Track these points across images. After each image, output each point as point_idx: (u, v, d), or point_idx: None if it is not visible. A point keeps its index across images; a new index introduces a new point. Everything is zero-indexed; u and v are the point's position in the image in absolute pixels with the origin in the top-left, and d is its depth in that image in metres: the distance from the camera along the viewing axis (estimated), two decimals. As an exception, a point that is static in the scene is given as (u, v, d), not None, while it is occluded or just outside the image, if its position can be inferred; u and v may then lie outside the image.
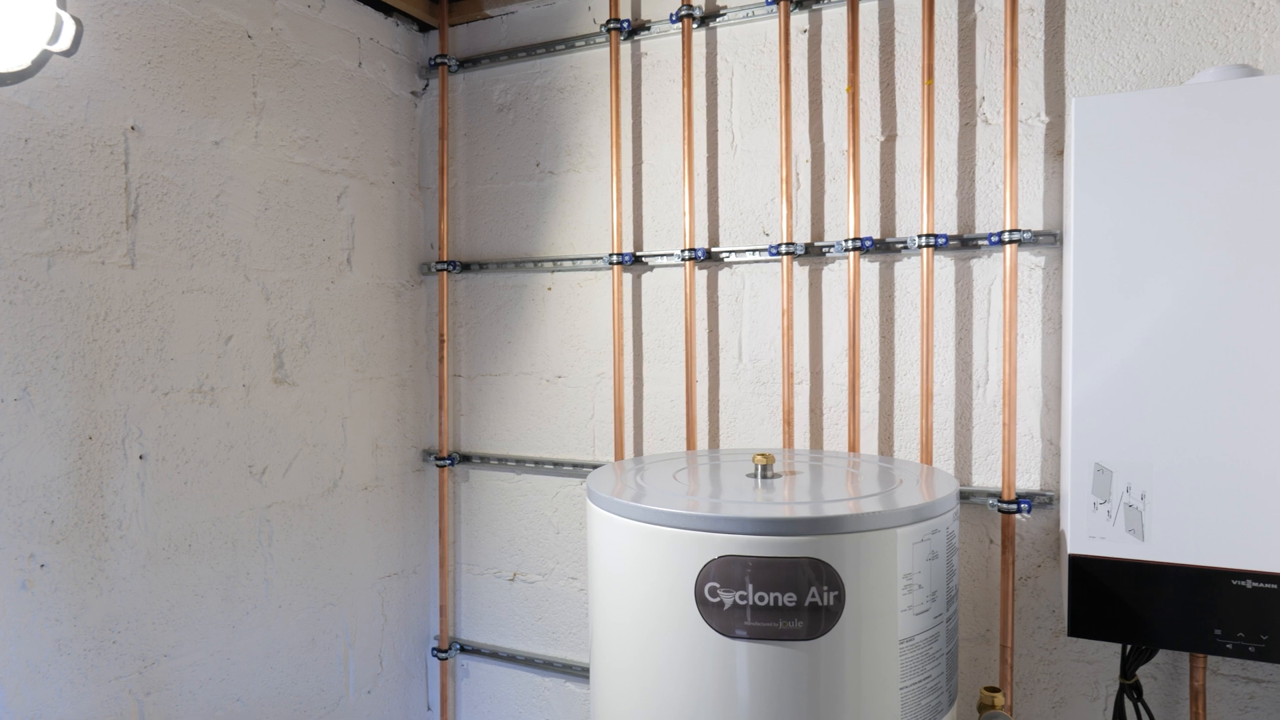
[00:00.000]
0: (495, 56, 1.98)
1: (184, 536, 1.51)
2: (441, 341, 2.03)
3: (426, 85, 2.09)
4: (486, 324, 2.04)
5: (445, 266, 2.01)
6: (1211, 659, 1.38)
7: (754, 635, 1.02)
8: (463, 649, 2.08)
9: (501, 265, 1.99)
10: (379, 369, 1.96)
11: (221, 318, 1.58)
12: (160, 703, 1.47)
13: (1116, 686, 1.45)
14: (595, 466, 1.90)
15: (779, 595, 1.01)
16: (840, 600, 1.01)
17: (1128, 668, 1.32)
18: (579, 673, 1.95)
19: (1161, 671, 1.43)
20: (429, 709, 2.13)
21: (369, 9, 1.92)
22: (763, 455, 1.27)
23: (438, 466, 2.05)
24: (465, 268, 2.04)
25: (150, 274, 1.45)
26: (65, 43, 0.99)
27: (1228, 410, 1.07)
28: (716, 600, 1.03)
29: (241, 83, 1.62)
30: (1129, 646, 1.31)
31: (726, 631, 1.03)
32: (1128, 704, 1.34)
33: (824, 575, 1.01)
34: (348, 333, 1.87)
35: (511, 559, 2.03)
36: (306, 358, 1.76)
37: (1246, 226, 1.06)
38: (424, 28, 2.07)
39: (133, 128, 1.42)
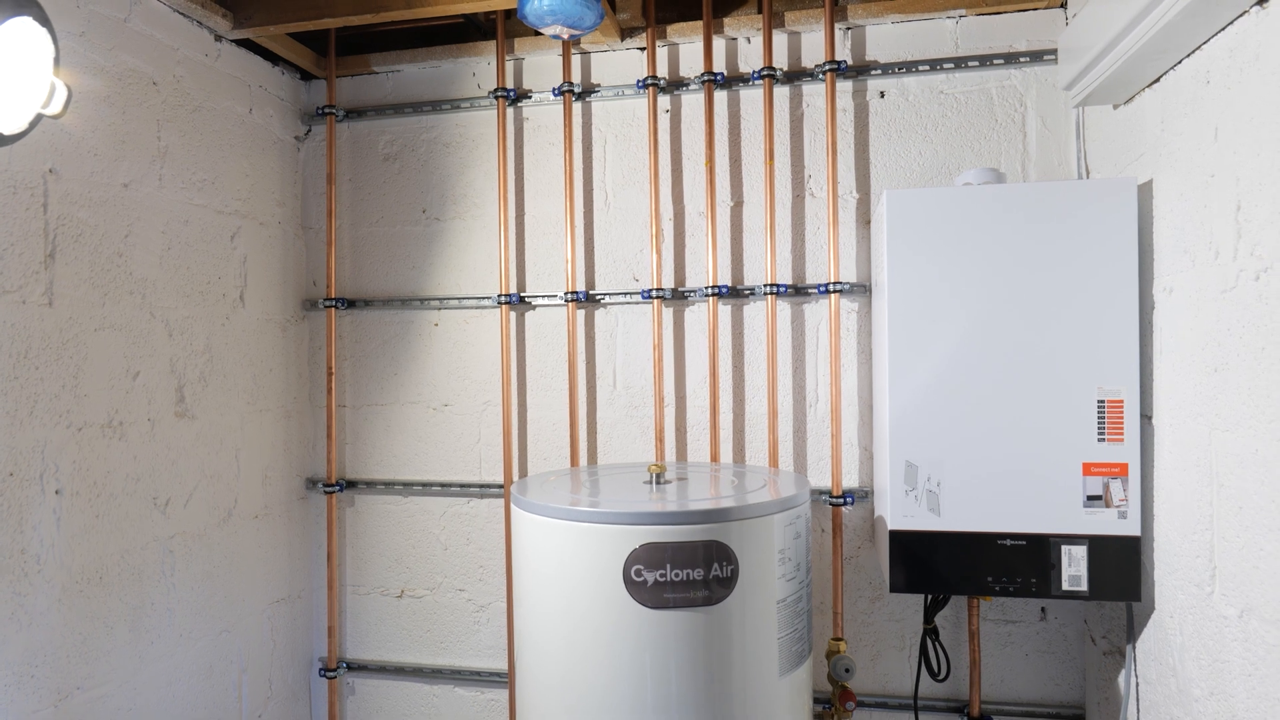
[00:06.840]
0: (381, 109, 2.14)
1: (96, 569, 1.53)
2: (329, 374, 2.14)
3: (309, 130, 2.20)
4: (373, 358, 2.17)
5: (332, 303, 2.13)
6: (982, 607, 1.83)
7: (671, 605, 1.29)
8: (350, 667, 2.17)
9: (388, 303, 2.14)
10: (268, 401, 2.03)
11: (129, 354, 1.62)
12: (73, 736, 1.48)
13: (919, 639, 1.87)
14: (483, 486, 2.09)
15: (690, 571, 1.29)
16: (735, 572, 1.31)
17: (929, 615, 1.73)
18: (468, 678, 2.11)
19: (948, 621, 1.86)
20: (313, 731, 2.19)
21: (259, 58, 2.02)
22: (656, 465, 1.55)
23: (325, 493, 2.14)
24: (351, 304, 2.16)
25: (67, 312, 1.48)
26: (57, 106, 1.08)
27: (991, 420, 1.49)
28: (641, 579, 1.29)
29: (147, 127, 1.68)
30: (929, 597, 1.72)
31: (649, 604, 1.29)
32: (929, 645, 1.75)
33: (723, 553, 1.30)
34: (240, 366, 1.94)
35: (399, 577, 2.16)
36: (205, 391, 1.82)
37: (996, 289, 1.49)
38: (305, 76, 2.19)
39: (51, 170, 1.46)
